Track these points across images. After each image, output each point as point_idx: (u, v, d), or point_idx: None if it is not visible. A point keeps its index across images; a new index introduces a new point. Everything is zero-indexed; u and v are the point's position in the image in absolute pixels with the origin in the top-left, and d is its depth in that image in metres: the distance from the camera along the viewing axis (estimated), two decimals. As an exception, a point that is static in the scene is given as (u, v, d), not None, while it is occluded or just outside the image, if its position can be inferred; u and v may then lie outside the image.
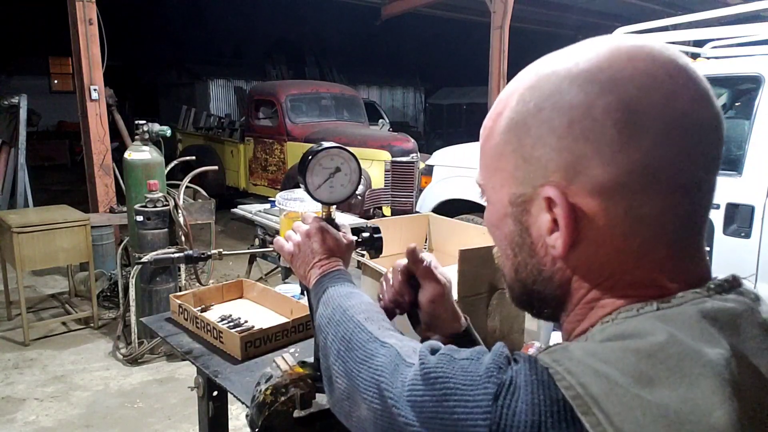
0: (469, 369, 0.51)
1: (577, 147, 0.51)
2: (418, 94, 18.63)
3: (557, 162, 0.52)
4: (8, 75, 14.16)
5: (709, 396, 0.44)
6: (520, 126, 0.55)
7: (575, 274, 0.55)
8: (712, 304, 0.50)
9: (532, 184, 0.54)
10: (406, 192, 5.19)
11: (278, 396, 1.01)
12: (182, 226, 3.59)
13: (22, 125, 5.15)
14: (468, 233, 1.75)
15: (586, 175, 0.51)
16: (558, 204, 0.52)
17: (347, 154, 0.99)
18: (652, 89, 0.50)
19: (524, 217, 0.56)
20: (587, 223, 0.52)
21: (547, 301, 0.59)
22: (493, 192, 0.60)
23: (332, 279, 0.85)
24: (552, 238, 0.54)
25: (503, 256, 0.62)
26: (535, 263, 0.57)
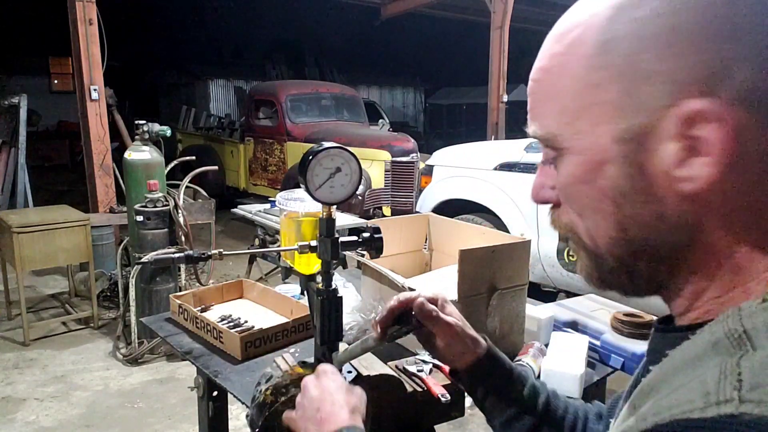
0: None
1: (720, 48, 0.42)
2: (418, 94, 18.64)
3: (693, 69, 0.42)
4: (8, 75, 14.16)
5: None
6: (628, 41, 0.45)
7: (710, 214, 0.45)
8: None
9: (653, 107, 0.44)
10: (406, 192, 5.20)
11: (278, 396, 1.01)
12: (182, 226, 3.59)
13: (22, 125, 5.15)
14: (468, 233, 1.75)
15: (730, 80, 0.42)
16: (711, 117, 0.42)
17: (348, 154, 0.99)
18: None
19: (639, 154, 0.45)
20: (734, 141, 0.42)
21: (664, 260, 0.47)
22: (579, 139, 0.49)
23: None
24: (688, 168, 0.43)
25: (596, 216, 0.50)
26: (653, 210, 0.46)
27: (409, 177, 5.21)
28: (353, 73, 16.14)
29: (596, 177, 0.48)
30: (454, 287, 1.36)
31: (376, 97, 16.04)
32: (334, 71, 16.16)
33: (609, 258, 0.50)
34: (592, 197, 0.49)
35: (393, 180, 5.25)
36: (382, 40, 16.56)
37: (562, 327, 1.64)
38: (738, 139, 0.42)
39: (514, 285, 1.46)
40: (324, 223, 0.97)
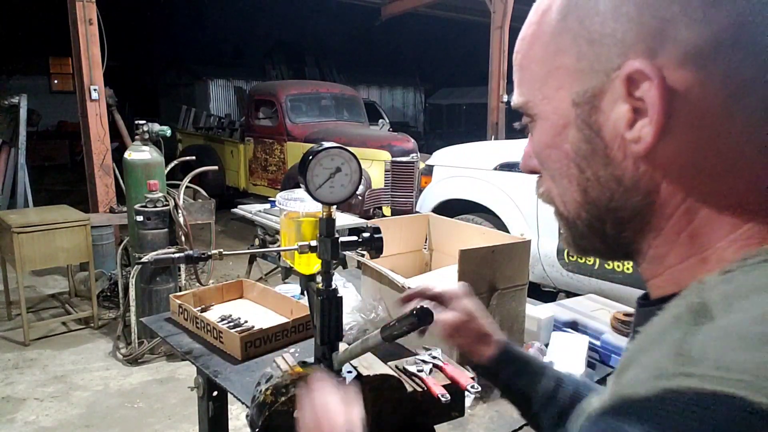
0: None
1: (663, 8, 0.43)
2: (418, 94, 18.64)
3: (637, 31, 0.43)
4: (8, 75, 14.17)
5: None
6: (582, 5, 0.46)
7: (666, 176, 0.45)
8: None
9: (602, 70, 0.45)
10: (406, 192, 5.20)
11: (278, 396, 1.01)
12: (182, 226, 3.59)
13: (22, 125, 5.16)
14: (468, 233, 1.75)
15: (674, 40, 0.42)
16: (646, 77, 0.43)
17: (348, 154, 0.99)
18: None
19: (593, 116, 0.46)
20: (679, 101, 0.42)
21: (626, 221, 0.48)
22: (545, 103, 0.50)
23: None
24: (634, 130, 0.44)
25: (564, 180, 0.51)
26: (610, 173, 0.47)
27: (409, 177, 5.21)
28: (353, 73, 16.13)
29: (561, 141, 0.49)
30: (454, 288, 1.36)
31: (376, 97, 16.04)
32: (334, 71, 16.15)
33: (579, 222, 0.51)
34: (559, 161, 0.50)
35: (393, 180, 5.25)
36: (382, 40, 16.57)
37: (562, 327, 1.64)
38: (681, 98, 0.42)
39: (514, 285, 1.46)
40: (324, 223, 0.97)
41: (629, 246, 0.50)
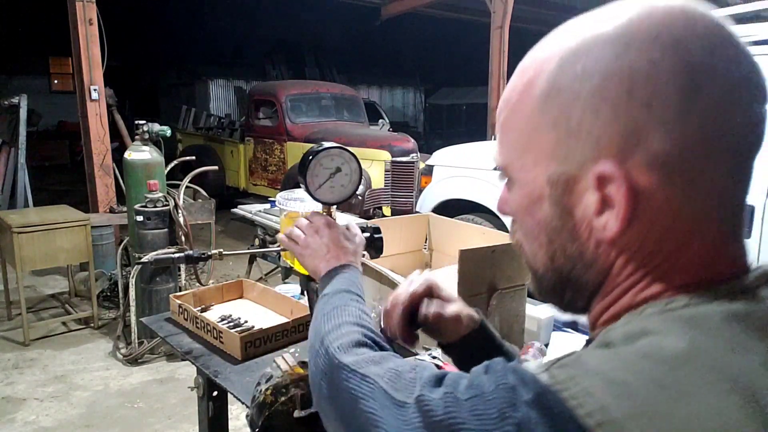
0: (478, 410, 0.46)
1: (636, 116, 0.46)
2: (418, 94, 18.63)
3: (612, 134, 0.47)
4: (8, 75, 14.16)
5: (736, 411, 0.41)
6: (564, 94, 0.49)
7: (620, 257, 0.50)
8: (745, 305, 0.46)
9: (578, 161, 0.49)
10: (406, 192, 5.19)
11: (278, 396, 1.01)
12: (182, 226, 3.59)
13: (22, 125, 5.15)
14: (468, 233, 1.75)
15: (644, 147, 0.46)
16: (615, 180, 0.47)
17: (348, 154, 0.99)
18: (713, 51, 0.46)
19: (566, 198, 0.51)
20: (643, 200, 0.47)
21: (583, 290, 0.54)
22: (523, 172, 0.54)
23: (332, 281, 0.86)
24: (602, 219, 0.49)
25: (534, 244, 0.56)
26: (575, 248, 0.52)
27: (409, 177, 5.21)
28: (353, 73, 16.13)
29: (536, 210, 0.54)
30: (454, 287, 1.36)
31: (376, 97, 16.03)
32: (334, 71, 16.15)
33: (544, 280, 0.57)
34: (532, 227, 0.55)
35: (393, 180, 5.25)
36: (382, 40, 16.55)
37: (562, 327, 1.64)
38: (644, 200, 0.47)
39: (514, 285, 1.46)
40: (324, 223, 0.97)
41: (582, 308, 0.57)
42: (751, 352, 0.44)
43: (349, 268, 0.89)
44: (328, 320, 0.74)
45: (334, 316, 0.74)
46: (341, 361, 0.63)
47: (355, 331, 0.70)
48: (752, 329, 0.45)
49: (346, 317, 0.74)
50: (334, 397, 0.62)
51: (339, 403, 0.60)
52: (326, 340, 0.68)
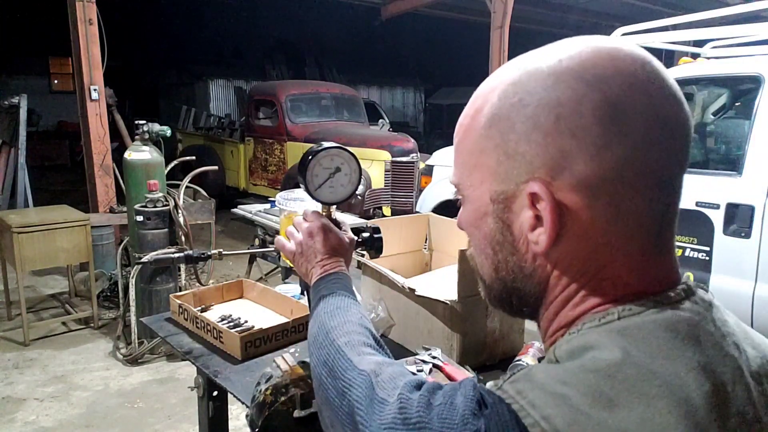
0: (444, 416, 0.51)
1: (563, 143, 0.52)
2: (418, 94, 18.62)
3: (542, 158, 0.53)
4: (8, 75, 14.16)
5: (666, 416, 0.45)
6: (504, 121, 0.55)
7: (555, 269, 0.56)
8: (672, 314, 0.52)
9: (515, 181, 0.55)
10: (406, 192, 5.19)
11: (278, 396, 1.01)
12: (182, 226, 3.59)
13: (22, 125, 5.15)
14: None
15: (570, 170, 0.52)
16: (543, 199, 0.53)
17: (347, 154, 0.99)
18: (635, 88, 0.52)
19: (506, 214, 0.57)
20: (570, 218, 0.53)
21: (526, 299, 0.60)
22: (471, 190, 0.60)
23: (329, 284, 0.88)
24: (535, 234, 0.55)
25: (482, 256, 0.62)
26: (515, 260, 0.58)
27: (409, 177, 5.21)
28: (353, 73, 16.11)
29: (481, 224, 0.60)
30: (454, 287, 1.36)
31: (376, 97, 16.02)
32: (334, 71, 16.14)
33: (492, 289, 0.63)
34: (479, 240, 0.61)
35: (393, 180, 5.25)
36: (382, 40, 16.55)
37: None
38: (570, 218, 0.53)
39: (514, 285, 1.46)
40: (324, 223, 0.97)
41: (530, 315, 0.62)
42: (679, 358, 0.48)
43: (341, 275, 0.91)
44: (332, 317, 0.80)
45: (339, 314, 0.80)
46: (346, 355, 0.71)
47: (360, 332, 0.77)
48: (679, 338, 0.50)
49: (350, 317, 0.80)
50: (331, 383, 0.69)
51: (334, 389, 0.68)
52: (332, 335, 0.76)
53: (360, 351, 0.72)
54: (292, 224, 0.99)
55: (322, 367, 0.72)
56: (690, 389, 0.47)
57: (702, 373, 0.48)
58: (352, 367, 0.68)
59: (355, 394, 0.63)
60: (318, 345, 0.76)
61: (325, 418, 0.70)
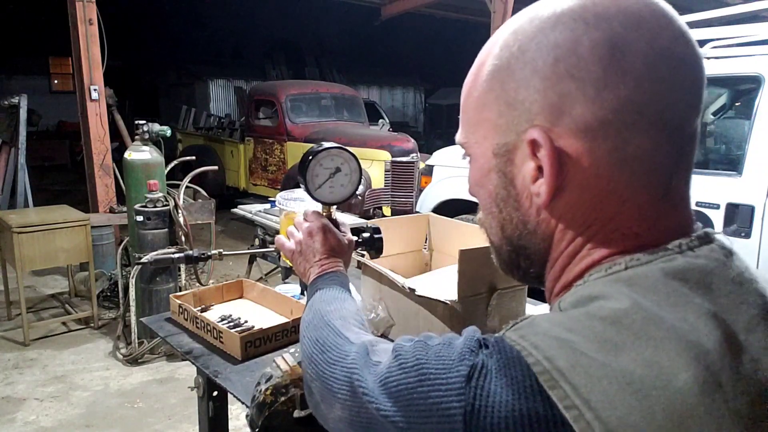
0: (442, 354, 0.50)
1: (562, 86, 0.50)
2: (418, 94, 18.61)
3: (541, 103, 0.51)
4: (8, 75, 14.16)
5: (674, 359, 0.43)
6: (504, 70, 0.54)
7: (559, 223, 0.54)
8: (683, 261, 0.49)
9: (515, 131, 0.53)
10: (406, 192, 5.19)
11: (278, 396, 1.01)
12: (182, 226, 3.59)
13: (22, 125, 5.15)
14: (468, 233, 1.74)
15: (570, 115, 0.50)
16: (542, 146, 0.51)
17: (347, 154, 0.99)
18: (636, 26, 0.49)
19: (508, 167, 0.55)
20: (572, 166, 0.51)
21: (533, 258, 0.58)
22: (476, 147, 0.59)
23: (326, 281, 0.87)
24: (536, 185, 0.53)
25: (488, 215, 0.60)
26: (520, 216, 0.56)
27: (409, 177, 5.20)
28: (353, 73, 16.10)
29: (486, 182, 0.58)
30: (454, 287, 1.36)
31: (376, 97, 16.02)
32: (334, 71, 16.13)
33: (501, 251, 0.61)
34: (485, 199, 0.60)
35: (393, 180, 5.24)
36: (382, 40, 16.53)
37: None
38: (572, 166, 0.51)
39: (514, 285, 1.46)
40: (324, 223, 0.97)
41: (538, 278, 0.60)
42: (688, 305, 0.47)
43: (339, 274, 0.90)
44: (328, 304, 0.80)
45: (335, 302, 0.80)
46: (342, 333, 0.70)
47: (356, 319, 0.76)
48: (689, 285, 0.48)
49: (346, 305, 0.80)
50: (323, 359, 0.67)
51: (325, 363, 0.66)
52: (327, 317, 0.75)
53: (356, 331, 0.70)
54: (293, 224, 0.99)
55: (314, 346, 0.71)
56: (700, 333, 0.45)
57: (713, 320, 0.46)
58: (348, 342, 0.67)
59: (349, 360, 0.62)
60: (312, 327, 0.75)
61: (315, 395, 0.69)
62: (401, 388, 0.51)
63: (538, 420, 0.43)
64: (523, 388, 0.44)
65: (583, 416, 0.42)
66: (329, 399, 0.63)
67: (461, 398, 0.46)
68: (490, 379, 0.46)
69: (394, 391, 0.52)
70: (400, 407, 0.51)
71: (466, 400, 0.46)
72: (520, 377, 0.45)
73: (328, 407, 0.64)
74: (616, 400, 0.42)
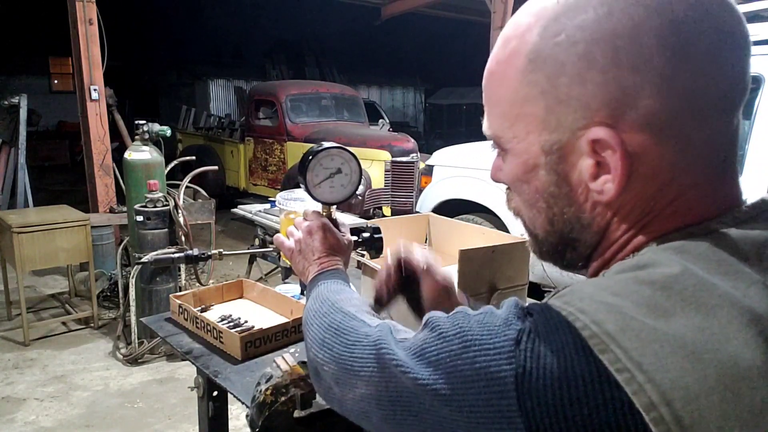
0: (485, 321, 0.49)
1: (625, 79, 0.47)
2: (418, 94, 18.62)
3: (602, 98, 0.48)
4: (8, 75, 14.15)
5: (726, 325, 0.43)
6: (550, 63, 0.50)
7: (616, 216, 0.52)
8: (736, 233, 0.48)
9: (570, 128, 0.50)
10: (406, 192, 5.19)
11: (278, 396, 1.01)
12: (182, 226, 3.59)
13: (22, 125, 5.15)
14: (468, 233, 1.75)
15: (635, 108, 0.47)
16: (610, 145, 0.48)
17: (348, 154, 0.99)
18: (696, 8, 0.47)
19: (561, 165, 0.52)
20: (637, 161, 0.49)
21: (581, 249, 0.57)
22: (515, 142, 0.55)
23: (328, 276, 0.86)
24: (599, 183, 0.51)
25: (533, 210, 0.58)
26: (573, 211, 0.54)
27: (409, 177, 5.21)
28: (353, 73, 16.11)
29: (532, 178, 0.55)
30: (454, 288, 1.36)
31: (376, 97, 16.03)
32: (334, 71, 16.14)
33: (545, 243, 0.59)
34: (530, 194, 0.57)
35: (393, 180, 5.24)
36: (382, 40, 16.54)
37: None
38: (638, 161, 0.49)
39: (514, 285, 1.46)
40: (324, 223, 0.97)
41: (582, 267, 0.59)
42: (739, 273, 0.46)
43: (339, 271, 0.89)
44: (337, 294, 0.78)
45: (343, 293, 0.79)
46: (357, 317, 0.68)
47: (367, 309, 0.74)
48: (741, 254, 0.47)
49: (356, 297, 0.79)
50: (338, 341, 0.65)
51: (342, 345, 0.64)
52: (338, 304, 0.73)
53: (369, 317, 0.69)
54: (294, 224, 0.99)
55: (326, 330, 0.68)
56: (753, 300, 0.44)
57: (765, 288, 0.45)
58: (365, 324, 0.64)
59: (374, 339, 0.59)
60: (322, 314, 0.73)
61: (325, 380, 0.67)
62: (442, 356, 0.50)
63: (592, 381, 0.42)
64: (574, 351, 0.43)
65: (635, 378, 0.41)
66: (348, 379, 0.61)
67: (511, 361, 0.45)
68: (539, 343, 0.45)
69: (434, 360, 0.50)
70: (442, 374, 0.49)
71: (517, 363, 0.45)
72: (570, 341, 0.44)
73: (346, 388, 0.62)
74: (668, 363, 0.41)
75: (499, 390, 0.45)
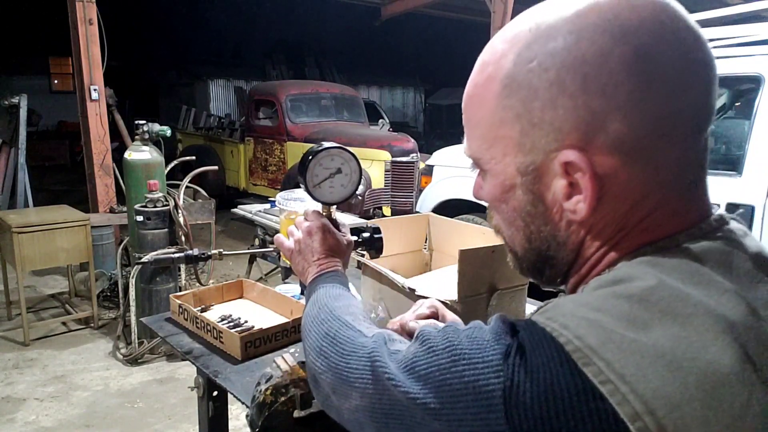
0: (474, 336, 0.50)
1: (594, 104, 0.49)
2: (418, 94, 18.61)
3: (572, 122, 0.50)
4: (8, 75, 14.15)
5: (703, 333, 0.44)
6: (524, 89, 0.52)
7: (589, 234, 0.55)
8: (705, 244, 0.51)
9: (543, 150, 0.52)
10: (406, 192, 5.19)
11: (278, 396, 1.01)
12: (182, 226, 3.59)
13: (22, 125, 5.15)
14: (468, 233, 1.74)
15: (605, 132, 0.49)
16: (580, 167, 0.50)
17: (348, 154, 0.99)
18: (662, 35, 0.49)
19: (536, 185, 0.54)
20: (608, 181, 0.51)
21: (559, 266, 0.58)
22: (493, 164, 0.57)
23: (326, 279, 0.86)
24: (571, 202, 0.53)
25: (511, 228, 0.60)
26: (549, 230, 0.56)
27: (409, 177, 5.20)
28: (353, 73, 16.11)
29: (509, 198, 0.57)
30: (454, 287, 1.36)
31: (376, 97, 16.02)
32: (334, 71, 16.14)
33: (524, 260, 0.61)
34: (508, 213, 0.59)
35: (393, 180, 5.24)
36: (382, 40, 16.53)
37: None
38: (608, 182, 0.51)
39: (514, 285, 1.46)
40: (324, 223, 0.97)
41: (561, 283, 0.61)
42: (711, 283, 0.48)
43: (338, 273, 0.89)
44: (336, 300, 0.79)
45: (342, 299, 0.80)
46: (354, 326, 0.68)
47: (365, 317, 0.75)
48: (711, 264, 0.49)
49: (354, 304, 0.79)
50: (334, 350, 0.66)
51: (338, 356, 0.65)
52: (336, 312, 0.74)
53: (367, 326, 0.69)
54: (294, 224, 0.99)
55: (323, 339, 0.70)
56: (726, 308, 0.46)
57: (736, 296, 0.47)
58: (361, 334, 0.66)
59: (369, 350, 0.61)
60: (320, 321, 0.73)
61: (324, 388, 0.68)
62: (432, 370, 0.51)
63: (578, 393, 0.44)
64: (559, 365, 0.45)
65: (618, 390, 0.43)
66: (344, 389, 0.62)
67: (500, 375, 0.47)
68: (526, 357, 0.46)
69: (424, 374, 0.52)
70: (431, 389, 0.51)
71: (505, 377, 0.46)
72: (555, 356, 0.45)
73: (342, 398, 0.63)
74: (649, 373, 0.43)
75: (488, 404, 0.47)
